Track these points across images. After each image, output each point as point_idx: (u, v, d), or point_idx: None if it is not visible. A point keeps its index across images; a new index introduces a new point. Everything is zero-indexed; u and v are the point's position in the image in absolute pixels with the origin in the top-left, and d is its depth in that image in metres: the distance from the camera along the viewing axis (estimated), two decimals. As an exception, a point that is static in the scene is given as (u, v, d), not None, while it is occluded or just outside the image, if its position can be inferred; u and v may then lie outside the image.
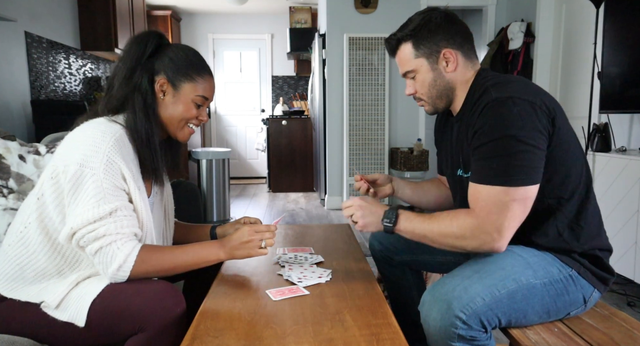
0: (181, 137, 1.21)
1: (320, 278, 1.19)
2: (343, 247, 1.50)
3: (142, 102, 1.11)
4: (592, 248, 1.09)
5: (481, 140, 1.03)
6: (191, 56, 1.18)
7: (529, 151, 0.98)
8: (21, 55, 3.24)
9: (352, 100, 4.28)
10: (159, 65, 1.15)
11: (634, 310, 2.11)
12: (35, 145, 2.00)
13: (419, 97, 1.21)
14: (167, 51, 1.16)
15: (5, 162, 1.83)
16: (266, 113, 6.59)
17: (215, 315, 0.99)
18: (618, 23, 2.51)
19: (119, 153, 1.02)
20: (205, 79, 1.18)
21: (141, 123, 1.10)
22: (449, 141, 1.28)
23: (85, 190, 0.98)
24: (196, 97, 1.16)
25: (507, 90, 1.03)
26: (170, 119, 1.17)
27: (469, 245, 1.03)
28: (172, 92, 1.15)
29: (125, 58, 1.13)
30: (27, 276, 1.05)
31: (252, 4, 5.85)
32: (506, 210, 0.99)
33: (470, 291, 0.99)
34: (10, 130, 3.00)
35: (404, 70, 1.20)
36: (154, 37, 1.16)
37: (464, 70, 1.16)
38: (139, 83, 1.12)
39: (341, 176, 4.46)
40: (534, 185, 1.00)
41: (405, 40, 1.17)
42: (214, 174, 3.63)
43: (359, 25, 4.29)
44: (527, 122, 0.99)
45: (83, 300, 0.99)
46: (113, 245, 1.00)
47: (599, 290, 1.10)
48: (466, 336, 0.97)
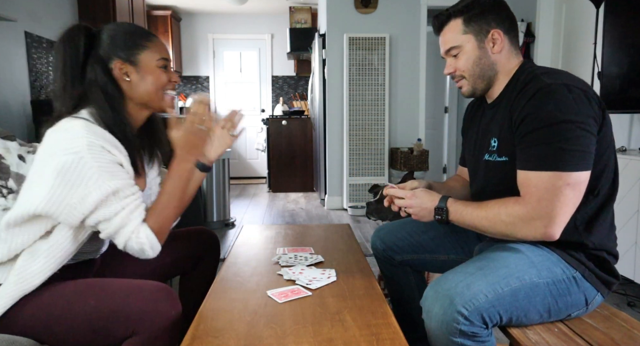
0: (167, 106, 1.19)
1: (329, 278, 1.19)
2: (343, 247, 1.50)
3: (103, 96, 1.08)
4: (602, 248, 1.09)
5: (533, 126, 1.02)
6: (128, 27, 1.15)
7: (585, 136, 0.99)
8: (21, 55, 3.24)
9: (352, 100, 4.28)
10: (104, 51, 1.11)
11: (634, 310, 2.11)
12: (35, 145, 2.00)
13: (459, 75, 1.20)
14: (103, 36, 1.12)
15: (4, 162, 1.83)
16: (266, 113, 6.59)
17: (215, 315, 0.99)
18: (618, 23, 2.51)
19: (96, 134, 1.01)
20: (155, 41, 1.16)
21: (109, 116, 1.07)
22: (477, 127, 1.27)
23: (79, 175, 0.97)
24: (158, 61, 1.14)
25: (560, 78, 1.04)
26: (147, 94, 1.14)
27: (520, 233, 1.03)
28: (134, 69, 1.12)
29: (61, 60, 1.09)
30: None
31: (252, 4, 5.85)
32: (559, 195, 0.99)
33: (473, 287, 0.99)
34: (10, 130, 3.00)
35: (449, 46, 1.18)
36: (81, 29, 1.11)
37: (508, 55, 1.16)
38: (94, 78, 1.09)
39: (341, 176, 4.45)
40: (586, 171, 1.00)
41: (456, 16, 1.16)
42: (214, 174, 3.63)
43: (359, 25, 4.29)
44: (582, 108, 0.99)
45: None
46: (134, 238, 1.02)
47: (602, 294, 1.10)
48: (467, 332, 0.97)
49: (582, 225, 1.07)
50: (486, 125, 1.21)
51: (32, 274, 1.00)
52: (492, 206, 1.07)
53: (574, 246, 1.08)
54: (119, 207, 1.00)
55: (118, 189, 1.00)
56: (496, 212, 1.05)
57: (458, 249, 1.36)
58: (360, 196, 4.36)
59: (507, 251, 1.08)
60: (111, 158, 1.02)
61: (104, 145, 1.01)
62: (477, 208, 1.09)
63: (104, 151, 1.01)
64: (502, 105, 1.15)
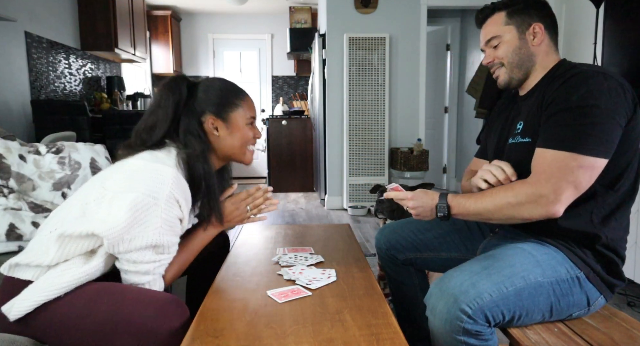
0: (247, 161, 1.28)
1: (329, 278, 1.19)
2: (343, 247, 1.50)
3: (199, 143, 1.16)
4: (613, 248, 1.09)
5: (561, 106, 1.03)
6: (223, 86, 1.23)
7: (610, 124, 0.99)
8: (21, 55, 3.24)
9: (352, 100, 4.28)
10: (200, 104, 1.20)
11: (634, 310, 2.11)
12: (35, 145, 2.00)
13: (498, 63, 1.21)
14: (201, 90, 1.21)
15: (5, 162, 1.83)
16: (266, 113, 6.59)
17: (215, 315, 0.99)
18: (618, 23, 2.51)
19: (178, 189, 1.07)
20: (246, 100, 1.24)
21: (200, 159, 1.15)
22: (506, 117, 1.28)
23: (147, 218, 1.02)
24: (247, 119, 1.23)
25: (598, 68, 1.05)
26: (232, 149, 1.23)
27: (525, 211, 1.02)
28: (224, 125, 1.21)
29: (163, 104, 1.17)
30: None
31: (252, 4, 5.85)
32: (569, 175, 0.99)
33: (478, 286, 0.99)
34: (10, 130, 3.00)
35: (490, 36, 1.20)
36: (183, 80, 1.21)
37: (547, 50, 1.18)
38: (189, 127, 1.17)
39: (341, 176, 4.46)
40: (603, 159, 1.00)
41: (500, 9, 1.19)
42: (214, 174, 3.63)
43: (359, 25, 4.29)
44: (615, 97, 1.00)
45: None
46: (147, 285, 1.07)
47: (605, 297, 1.10)
48: (471, 331, 0.97)
49: (598, 219, 1.07)
50: (516, 113, 1.22)
51: (62, 285, 1.02)
52: (497, 191, 1.07)
53: (585, 241, 1.08)
54: (153, 258, 1.05)
55: (163, 245, 1.05)
56: (502, 196, 1.05)
57: (461, 247, 1.36)
58: (360, 196, 4.36)
59: (512, 250, 1.08)
60: (177, 214, 1.08)
61: (179, 200, 1.07)
62: (481, 197, 1.09)
63: (177, 205, 1.07)
64: (534, 94, 1.17)
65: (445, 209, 1.14)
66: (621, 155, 1.04)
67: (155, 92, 1.21)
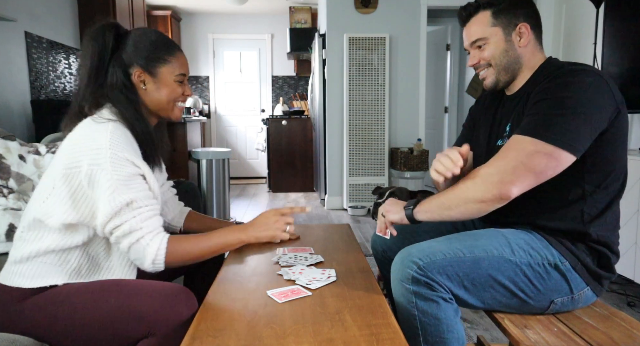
0: (174, 117, 1.25)
1: (329, 278, 1.19)
2: (343, 247, 1.50)
3: (125, 97, 1.13)
4: (604, 244, 1.09)
5: (540, 97, 1.03)
6: (154, 38, 1.18)
7: (581, 121, 0.97)
8: (21, 55, 3.24)
9: (352, 100, 4.28)
10: (128, 56, 1.15)
11: (633, 310, 2.11)
12: (35, 145, 2.01)
13: (486, 65, 1.19)
14: (128, 40, 1.16)
15: (5, 162, 1.83)
16: (266, 113, 6.59)
17: (215, 315, 0.99)
18: (618, 23, 2.51)
19: (119, 145, 1.04)
20: (177, 56, 1.20)
21: (133, 117, 1.12)
22: (493, 115, 1.27)
23: (100, 186, 1.02)
24: (176, 76, 1.19)
25: (586, 66, 1.05)
26: (158, 104, 1.20)
27: (477, 191, 1.01)
28: (152, 79, 1.17)
29: (87, 57, 1.13)
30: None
31: (252, 4, 5.85)
32: (525, 158, 0.98)
33: (435, 247, 1.03)
34: (10, 130, 3.00)
35: (475, 38, 1.18)
36: (110, 29, 1.14)
37: (534, 50, 1.17)
38: (115, 80, 1.13)
39: (341, 176, 4.46)
40: (567, 152, 0.98)
41: (484, 8, 1.16)
42: (214, 174, 3.64)
43: (359, 25, 4.29)
44: (595, 95, 0.99)
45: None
46: (142, 241, 1.04)
47: (594, 290, 1.10)
48: (420, 281, 1.00)
49: (589, 218, 1.07)
50: (503, 114, 1.22)
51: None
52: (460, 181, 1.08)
53: (576, 238, 1.08)
54: (130, 216, 1.03)
55: (132, 200, 1.03)
56: (461, 181, 1.06)
57: None
58: (360, 196, 4.36)
59: (485, 231, 1.11)
60: (132, 171, 1.05)
61: (128, 157, 1.05)
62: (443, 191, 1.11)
63: (127, 163, 1.04)
64: (521, 95, 1.16)
65: (412, 203, 1.15)
66: (611, 157, 1.04)
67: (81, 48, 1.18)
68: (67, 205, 1.04)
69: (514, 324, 1.06)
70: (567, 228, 1.08)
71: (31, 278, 1.05)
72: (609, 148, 1.03)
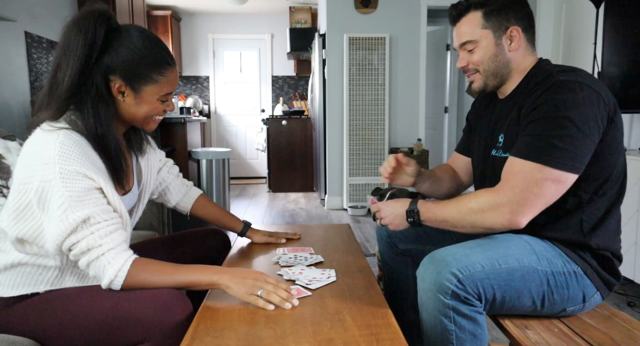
0: (148, 129, 1.15)
1: (329, 278, 1.18)
2: (343, 247, 1.50)
3: (93, 107, 1.01)
4: (607, 249, 1.08)
5: (534, 116, 1.01)
6: (147, 50, 1.03)
7: (580, 137, 0.97)
8: (21, 55, 3.24)
9: (352, 100, 4.28)
10: (112, 62, 1.01)
11: (634, 310, 2.11)
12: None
13: (473, 69, 1.17)
14: (118, 44, 1.01)
15: (5, 162, 1.83)
16: (266, 113, 6.59)
17: (215, 315, 0.99)
18: (618, 23, 2.51)
19: (69, 158, 0.95)
20: (167, 75, 1.07)
21: (92, 129, 1.00)
22: (487, 121, 1.25)
23: (52, 204, 0.94)
24: (161, 96, 1.08)
25: (575, 76, 1.02)
26: (134, 117, 1.09)
27: (487, 219, 1.01)
28: (133, 94, 1.05)
29: (70, 51, 0.98)
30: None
31: (252, 4, 5.85)
32: (534, 186, 0.97)
33: (471, 257, 0.98)
34: (10, 130, 3.00)
35: (465, 39, 1.15)
36: (103, 22, 1.00)
37: (524, 53, 1.15)
38: (91, 85, 1.00)
39: (341, 176, 4.45)
40: (572, 174, 0.98)
41: (476, 8, 1.13)
42: (214, 174, 3.64)
43: (359, 25, 4.29)
44: (589, 109, 0.98)
45: None
46: (102, 259, 0.97)
47: (602, 294, 1.10)
48: (460, 295, 0.96)
49: (588, 226, 1.07)
50: (496, 120, 1.20)
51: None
52: (463, 198, 1.07)
53: (577, 246, 1.08)
54: (87, 232, 0.95)
55: (88, 216, 0.95)
56: (466, 201, 1.05)
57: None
58: (360, 196, 4.36)
59: (509, 236, 1.08)
60: (85, 186, 0.95)
61: (79, 169, 0.95)
62: (448, 203, 1.09)
63: (79, 176, 0.94)
64: (513, 101, 1.15)
65: (415, 214, 1.13)
66: (605, 164, 1.04)
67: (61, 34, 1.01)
68: (14, 220, 0.97)
69: (515, 324, 1.06)
70: (568, 239, 1.08)
71: (10, 288, 1.04)
72: (604, 156, 1.03)
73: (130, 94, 1.05)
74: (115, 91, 1.04)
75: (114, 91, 1.04)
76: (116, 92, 1.04)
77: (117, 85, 1.03)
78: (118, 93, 1.05)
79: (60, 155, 0.94)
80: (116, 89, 1.04)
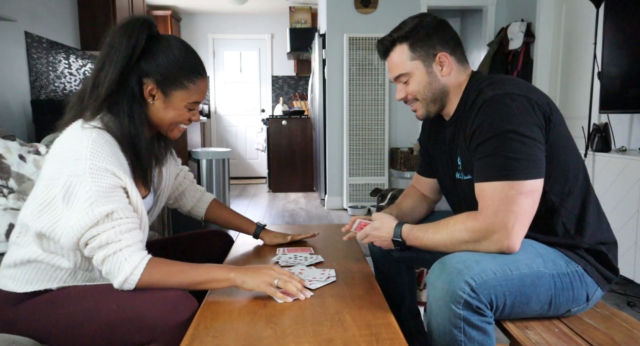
0: (172, 137, 1.19)
1: (329, 278, 1.19)
2: (343, 247, 1.50)
3: (128, 107, 1.06)
4: (597, 242, 1.09)
5: (480, 138, 1.03)
6: (181, 58, 1.09)
7: (531, 144, 0.98)
8: (21, 55, 3.24)
9: (352, 100, 4.28)
10: (148, 66, 1.07)
11: (634, 310, 2.11)
12: (35, 145, 2.00)
13: (413, 99, 1.20)
14: (155, 49, 1.08)
15: (5, 162, 1.83)
16: (266, 113, 6.59)
17: (215, 315, 0.99)
18: (618, 23, 2.51)
19: (100, 155, 0.98)
20: (198, 83, 1.12)
21: (126, 128, 1.05)
22: (441, 144, 1.27)
23: (78, 198, 0.96)
24: (189, 103, 1.12)
25: (502, 88, 1.05)
26: (160, 122, 1.13)
27: (484, 248, 1.02)
28: (162, 98, 1.10)
29: (114, 54, 1.04)
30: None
31: (252, 4, 5.85)
32: (513, 205, 0.98)
33: (482, 264, 0.97)
34: (10, 130, 3.00)
35: (398, 73, 1.18)
36: (144, 28, 1.06)
37: (457, 74, 1.17)
38: (127, 86, 1.05)
39: (341, 176, 4.45)
40: (538, 179, 0.99)
41: (400, 42, 1.17)
42: (214, 174, 3.64)
43: (359, 25, 4.29)
44: (526, 116, 1.00)
45: None
46: (120, 255, 0.97)
47: (602, 288, 1.10)
48: (472, 305, 0.95)
49: (572, 228, 1.08)
50: (450, 143, 1.22)
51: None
52: (450, 225, 1.06)
53: (570, 247, 1.09)
54: (109, 226, 0.97)
55: (113, 211, 0.97)
56: (456, 230, 1.05)
57: None
58: (360, 196, 4.36)
59: None
60: (112, 182, 0.98)
61: (108, 167, 0.98)
62: (435, 231, 1.09)
63: (107, 173, 0.98)
64: (456, 125, 1.17)
65: (401, 244, 1.16)
66: (559, 162, 1.05)
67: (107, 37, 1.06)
68: (37, 214, 1.00)
69: (515, 324, 1.06)
70: (558, 243, 1.08)
71: (24, 283, 1.05)
72: (555, 154, 1.04)
73: (160, 98, 1.10)
74: (146, 93, 1.09)
75: (145, 93, 1.09)
76: (147, 94, 1.09)
77: (150, 88, 1.08)
78: (149, 96, 1.09)
79: (92, 151, 0.97)
80: (148, 92, 1.09)
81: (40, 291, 1.05)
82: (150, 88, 1.08)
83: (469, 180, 1.13)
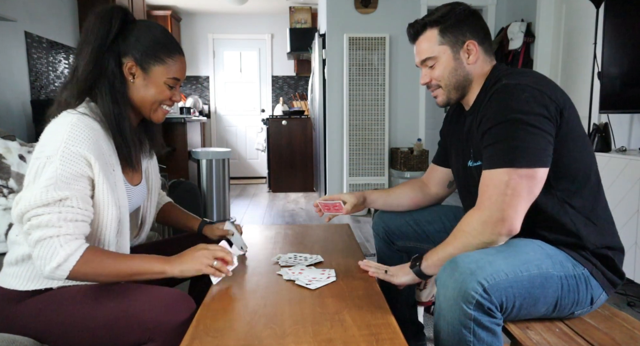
0: (155, 119, 1.18)
1: (328, 278, 1.18)
2: (343, 247, 1.50)
3: (109, 87, 1.08)
4: (605, 246, 1.09)
5: (487, 125, 1.04)
6: (159, 35, 1.13)
7: (535, 133, 0.99)
8: (21, 55, 3.24)
9: (352, 100, 4.28)
10: (126, 46, 1.10)
11: (634, 310, 2.11)
12: (35, 145, 2.00)
13: (435, 85, 1.21)
14: (133, 30, 1.11)
15: (5, 162, 1.83)
16: (266, 113, 6.59)
17: (215, 315, 0.99)
18: (618, 23, 2.51)
19: (76, 139, 0.98)
20: (176, 59, 1.14)
21: (109, 108, 1.07)
22: (459, 134, 1.28)
23: (42, 177, 0.95)
24: (168, 79, 1.13)
25: (518, 79, 1.05)
26: (142, 102, 1.14)
27: (485, 239, 1.03)
28: (142, 75, 1.11)
29: (89, 38, 1.07)
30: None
31: (252, 4, 5.85)
32: (507, 189, 0.99)
33: (495, 265, 0.97)
34: (10, 130, 3.00)
35: (425, 56, 1.19)
36: (118, 13, 1.09)
37: (483, 64, 1.18)
38: (106, 66, 1.07)
39: (341, 176, 4.45)
40: (541, 168, 1.00)
41: (432, 26, 1.18)
42: (214, 174, 3.63)
43: (359, 25, 4.29)
44: (534, 107, 1.00)
45: None
46: (55, 240, 0.94)
47: (607, 293, 1.10)
48: (484, 306, 0.94)
49: (580, 226, 1.07)
50: (467, 132, 1.23)
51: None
52: (456, 232, 1.08)
53: (576, 247, 1.08)
54: (55, 209, 0.94)
55: (67, 197, 0.95)
56: (462, 234, 1.06)
57: None
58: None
59: (523, 241, 1.08)
60: (80, 172, 0.98)
61: (82, 152, 0.98)
62: (444, 245, 1.10)
63: (79, 159, 0.97)
64: (476, 113, 1.17)
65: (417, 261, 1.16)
66: (569, 158, 1.05)
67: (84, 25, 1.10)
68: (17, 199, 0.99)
69: (516, 325, 1.06)
70: (565, 241, 1.08)
71: (26, 280, 1.05)
72: (565, 150, 1.04)
73: (140, 75, 1.12)
74: (126, 72, 1.11)
75: (125, 72, 1.11)
76: (127, 72, 1.11)
77: (129, 65, 1.10)
78: (129, 74, 1.11)
79: (69, 135, 0.98)
80: (127, 70, 1.10)
81: (41, 291, 1.05)
82: (129, 65, 1.10)
83: (478, 166, 1.13)
